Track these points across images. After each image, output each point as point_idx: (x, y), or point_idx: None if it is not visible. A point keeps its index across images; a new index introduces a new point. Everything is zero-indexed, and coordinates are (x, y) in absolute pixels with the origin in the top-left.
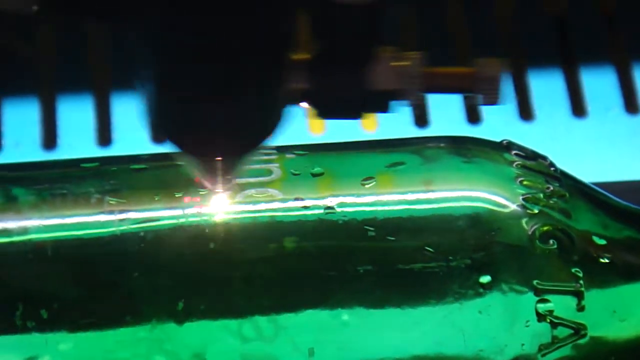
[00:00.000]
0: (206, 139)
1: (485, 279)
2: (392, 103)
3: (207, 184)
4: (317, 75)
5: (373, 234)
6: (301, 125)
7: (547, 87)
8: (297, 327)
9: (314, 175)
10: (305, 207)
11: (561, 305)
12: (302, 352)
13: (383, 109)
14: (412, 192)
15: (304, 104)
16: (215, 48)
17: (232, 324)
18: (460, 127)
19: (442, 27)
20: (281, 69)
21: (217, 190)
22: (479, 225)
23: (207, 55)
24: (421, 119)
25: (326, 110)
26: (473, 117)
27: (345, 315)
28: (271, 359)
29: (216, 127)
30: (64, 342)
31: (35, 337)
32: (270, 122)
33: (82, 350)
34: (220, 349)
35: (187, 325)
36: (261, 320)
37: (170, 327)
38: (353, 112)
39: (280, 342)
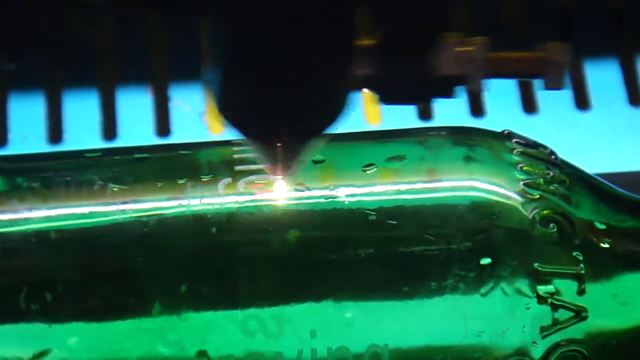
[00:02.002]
0: (271, 125)
1: (485, 261)
2: (457, 88)
3: (270, 169)
4: (382, 61)
5: (374, 219)
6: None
7: None
8: (300, 317)
9: (316, 162)
10: (307, 194)
11: (562, 288)
12: (305, 342)
13: (447, 94)
14: (414, 179)
15: (367, 90)
16: (281, 35)
17: (236, 314)
18: (464, 120)
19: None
20: (346, 55)
21: (279, 176)
22: (480, 210)
23: (273, 43)
24: (425, 112)
25: (390, 96)
26: (477, 110)
27: (347, 301)
28: (274, 347)
29: (281, 113)
30: (68, 332)
31: (40, 327)
32: (335, 108)
33: (86, 340)
34: (224, 339)
35: (191, 315)
36: (264, 310)
37: (174, 317)
38: (417, 97)
39: (283, 332)
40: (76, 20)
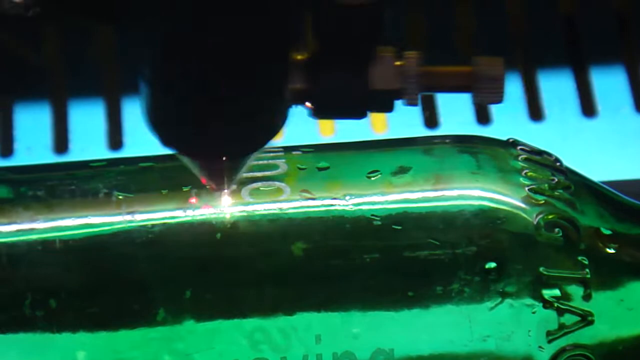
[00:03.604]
0: (209, 140)
1: (491, 266)
2: (393, 102)
3: (210, 185)
4: (318, 75)
5: (379, 225)
6: (311, 127)
7: (557, 87)
8: (306, 324)
9: (320, 169)
10: (311, 201)
11: (568, 292)
12: (311, 348)
13: (384, 108)
14: (420, 186)
15: (304, 104)
16: (218, 48)
17: (241, 322)
18: (470, 128)
19: (448, 27)
20: (284, 68)
21: (220, 191)
22: (485, 215)
23: (210, 56)
24: (431, 120)
25: (327, 110)
26: (483, 117)
27: (353, 307)
28: (280, 353)
29: (219, 128)
30: (74, 341)
31: (45, 336)
32: (274, 122)
33: (92, 349)
34: (229, 347)
35: (196, 323)
36: (270, 317)
37: (180, 326)
38: (354, 111)
39: (289, 338)
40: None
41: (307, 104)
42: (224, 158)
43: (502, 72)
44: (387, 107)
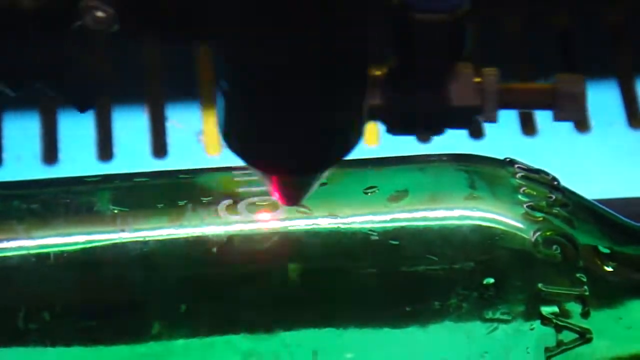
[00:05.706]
0: (282, 155)
1: (489, 282)
2: (472, 119)
3: (280, 200)
4: (396, 91)
5: (375, 241)
6: None
7: None
8: (301, 341)
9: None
10: (308, 215)
11: (566, 309)
12: None
13: (462, 125)
14: (417, 202)
15: (379, 120)
16: (294, 64)
17: (235, 337)
18: (462, 142)
19: None
20: (360, 84)
21: (289, 206)
22: (483, 232)
23: (286, 72)
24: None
25: (403, 126)
26: (476, 132)
27: (349, 323)
28: None
29: (293, 143)
30: (67, 356)
31: (38, 351)
32: (348, 138)
33: None
34: None
35: (189, 339)
36: (263, 334)
37: (172, 341)
38: (431, 128)
39: (285, 356)
40: (75, 48)
41: (381, 120)
42: (296, 173)
43: (583, 89)
44: (465, 124)
